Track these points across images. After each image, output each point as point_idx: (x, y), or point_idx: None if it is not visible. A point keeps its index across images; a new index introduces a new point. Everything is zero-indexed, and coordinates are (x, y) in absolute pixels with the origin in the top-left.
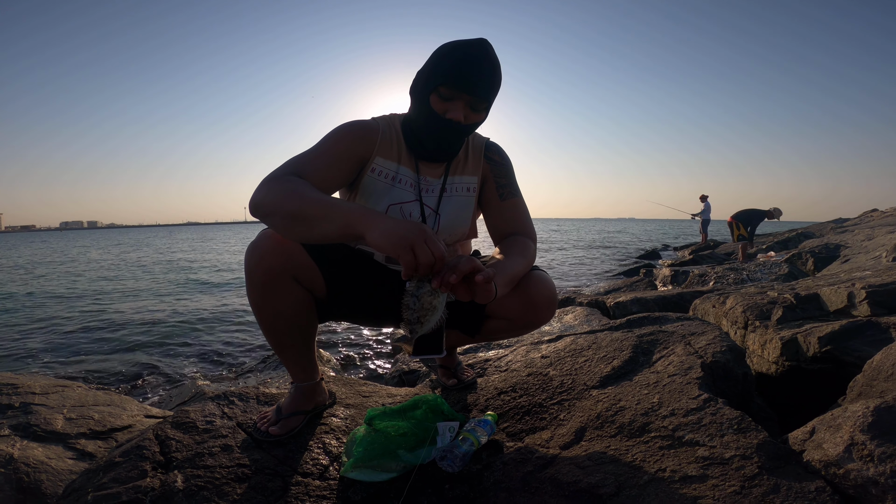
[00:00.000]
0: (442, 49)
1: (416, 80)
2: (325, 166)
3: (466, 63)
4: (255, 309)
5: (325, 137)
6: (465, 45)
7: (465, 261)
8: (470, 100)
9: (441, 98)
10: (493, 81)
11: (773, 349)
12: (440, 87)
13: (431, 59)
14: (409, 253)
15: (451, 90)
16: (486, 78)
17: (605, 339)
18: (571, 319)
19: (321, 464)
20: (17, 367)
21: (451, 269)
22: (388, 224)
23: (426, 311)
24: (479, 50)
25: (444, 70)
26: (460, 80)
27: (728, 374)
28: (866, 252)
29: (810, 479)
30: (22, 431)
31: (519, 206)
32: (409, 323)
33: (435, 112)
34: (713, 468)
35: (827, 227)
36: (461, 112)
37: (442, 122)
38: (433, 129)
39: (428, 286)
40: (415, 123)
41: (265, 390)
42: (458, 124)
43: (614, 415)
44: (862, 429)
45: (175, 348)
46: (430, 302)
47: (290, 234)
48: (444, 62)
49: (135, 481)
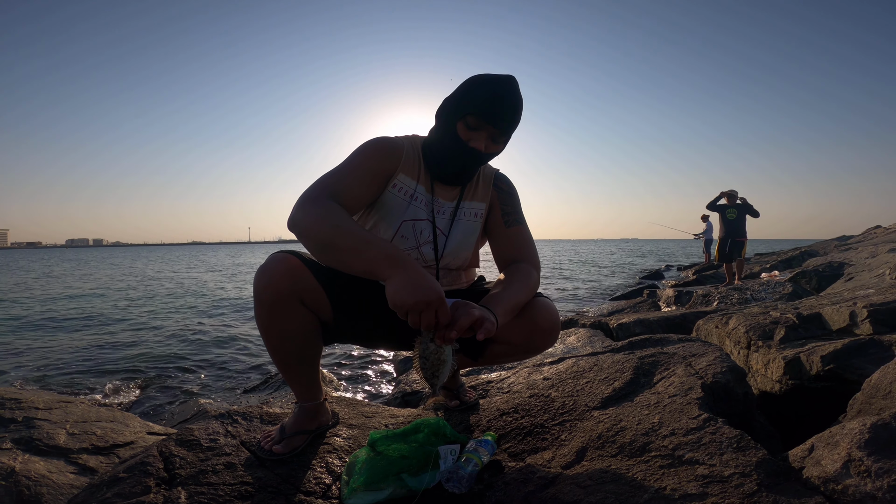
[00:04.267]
0: (474, 80)
1: (445, 105)
2: (357, 183)
3: (496, 97)
4: (262, 329)
5: (354, 154)
6: (496, 80)
7: (465, 317)
8: (493, 132)
9: (467, 127)
10: (515, 118)
11: (776, 368)
12: (468, 117)
13: (462, 88)
14: (416, 316)
15: (478, 121)
16: (510, 114)
17: (607, 361)
18: (574, 341)
19: (324, 483)
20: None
21: (450, 326)
22: (404, 280)
23: (437, 365)
24: (508, 87)
25: (473, 101)
26: (488, 112)
27: (728, 393)
28: (870, 270)
29: (809, 495)
30: (24, 445)
31: (523, 234)
32: (427, 379)
33: (460, 139)
34: (713, 486)
35: (830, 245)
36: (483, 142)
37: (466, 149)
38: (456, 154)
39: (432, 345)
40: (437, 146)
41: (269, 409)
42: (480, 153)
43: (615, 435)
44: (859, 445)
45: (178, 366)
46: (439, 357)
47: (319, 258)
48: (474, 93)
49: (138, 497)
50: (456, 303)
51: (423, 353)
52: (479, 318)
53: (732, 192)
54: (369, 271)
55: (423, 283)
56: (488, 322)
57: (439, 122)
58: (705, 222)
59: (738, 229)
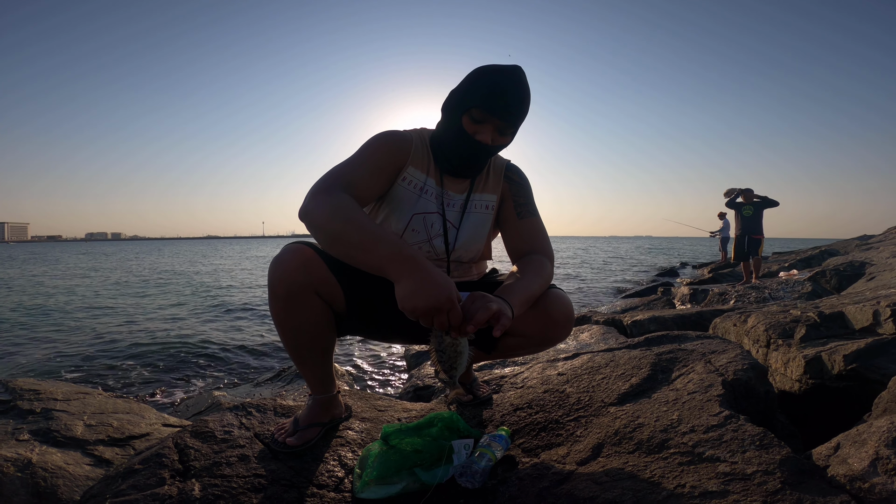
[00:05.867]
0: (478, 72)
1: (450, 98)
2: (368, 175)
3: (500, 89)
4: (276, 321)
5: (364, 147)
6: (500, 70)
7: (482, 311)
8: (499, 124)
9: (472, 120)
10: (522, 110)
11: (796, 367)
12: (473, 110)
13: (467, 80)
14: (429, 319)
15: (483, 113)
16: (516, 105)
17: (623, 357)
18: (587, 338)
19: (336, 476)
20: (40, 374)
21: (467, 319)
22: (414, 284)
23: (454, 357)
24: (513, 77)
25: (478, 93)
26: (493, 105)
27: (750, 391)
28: (891, 270)
29: (835, 493)
30: (42, 437)
31: (536, 226)
32: (446, 372)
33: (465, 132)
34: (734, 484)
35: (851, 244)
36: (489, 135)
37: (471, 141)
38: (462, 147)
39: (448, 338)
40: (443, 139)
41: (282, 402)
42: (486, 146)
43: (632, 431)
44: (887, 443)
45: (193, 359)
46: (455, 349)
47: (329, 250)
48: (479, 86)
49: (153, 489)
50: (472, 295)
51: (440, 347)
52: (496, 313)
53: (748, 189)
54: (378, 269)
55: (433, 286)
56: (504, 317)
57: (445, 116)
58: (722, 220)
59: (754, 226)
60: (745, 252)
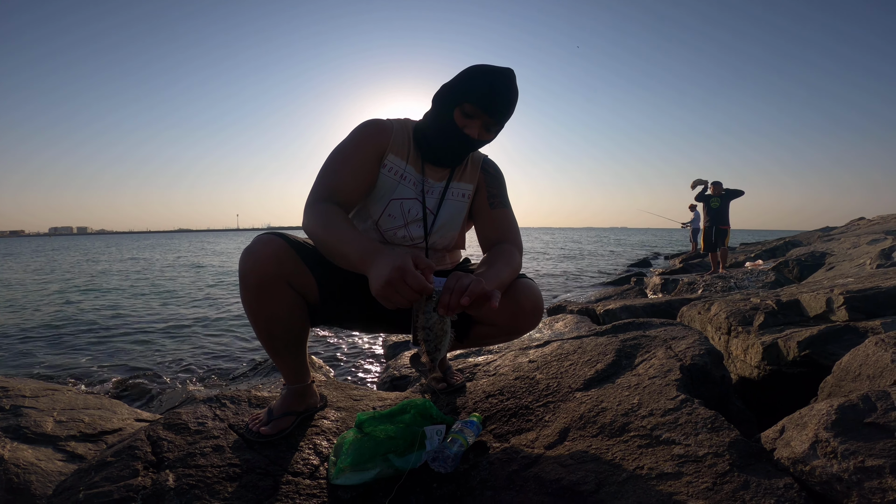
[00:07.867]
0: (475, 69)
1: (443, 90)
2: (351, 178)
3: (494, 89)
4: (248, 312)
5: (345, 142)
6: (496, 72)
7: (474, 283)
8: (488, 121)
9: (464, 114)
10: (510, 111)
11: (754, 354)
12: (465, 104)
13: (462, 76)
14: (396, 296)
15: (475, 109)
16: (505, 106)
17: (590, 344)
18: (562, 327)
19: (311, 464)
20: (7, 370)
21: (459, 292)
22: (375, 267)
23: (440, 337)
24: (507, 80)
25: (472, 90)
26: (485, 102)
27: (706, 376)
28: (851, 259)
29: (779, 475)
30: (12, 433)
31: (508, 217)
32: (430, 352)
33: (455, 124)
34: (688, 465)
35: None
36: (477, 130)
37: (459, 134)
38: (450, 138)
39: (435, 315)
40: (431, 130)
41: (257, 393)
42: (472, 140)
43: (596, 416)
44: (826, 426)
45: (166, 354)
46: (442, 328)
47: (327, 258)
48: (474, 82)
49: (126, 480)
50: (454, 274)
51: (427, 324)
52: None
53: (717, 182)
54: (352, 266)
55: (385, 262)
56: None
57: (436, 107)
58: (693, 212)
59: (721, 217)
60: (713, 242)
